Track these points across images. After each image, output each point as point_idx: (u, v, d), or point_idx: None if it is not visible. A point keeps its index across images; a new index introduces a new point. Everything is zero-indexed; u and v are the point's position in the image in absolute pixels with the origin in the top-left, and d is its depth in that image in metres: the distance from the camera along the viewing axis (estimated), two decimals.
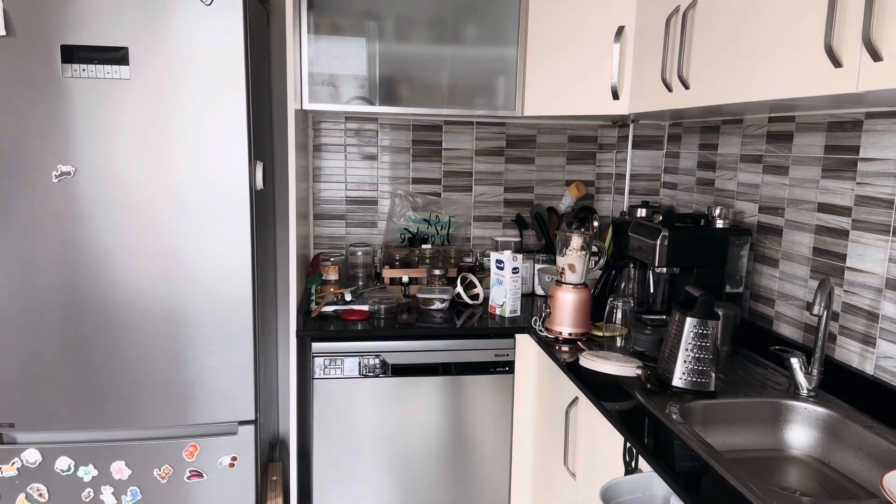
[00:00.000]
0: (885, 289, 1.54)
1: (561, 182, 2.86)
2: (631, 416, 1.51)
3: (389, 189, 2.75)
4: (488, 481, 2.26)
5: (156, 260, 1.92)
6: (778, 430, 1.57)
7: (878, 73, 1.12)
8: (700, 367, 1.59)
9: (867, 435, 1.42)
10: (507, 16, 2.36)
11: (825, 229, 1.74)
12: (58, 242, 1.88)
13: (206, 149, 1.90)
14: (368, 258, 2.56)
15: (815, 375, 1.58)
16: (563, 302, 2.02)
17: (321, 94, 2.33)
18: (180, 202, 1.91)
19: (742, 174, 2.10)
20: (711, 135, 2.28)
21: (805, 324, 1.82)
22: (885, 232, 1.54)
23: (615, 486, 1.36)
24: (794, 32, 1.33)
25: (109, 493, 2.01)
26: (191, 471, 2.04)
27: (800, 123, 1.84)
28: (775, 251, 1.93)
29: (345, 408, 2.15)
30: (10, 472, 1.96)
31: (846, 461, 1.46)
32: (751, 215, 2.05)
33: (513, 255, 2.26)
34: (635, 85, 2.05)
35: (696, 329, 1.59)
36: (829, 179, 1.72)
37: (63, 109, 1.83)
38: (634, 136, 2.73)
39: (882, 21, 1.10)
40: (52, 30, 1.78)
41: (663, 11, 1.81)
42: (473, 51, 2.40)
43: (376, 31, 2.34)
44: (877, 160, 1.57)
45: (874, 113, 1.58)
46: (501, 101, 2.43)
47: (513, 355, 2.19)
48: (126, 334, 1.95)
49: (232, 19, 1.86)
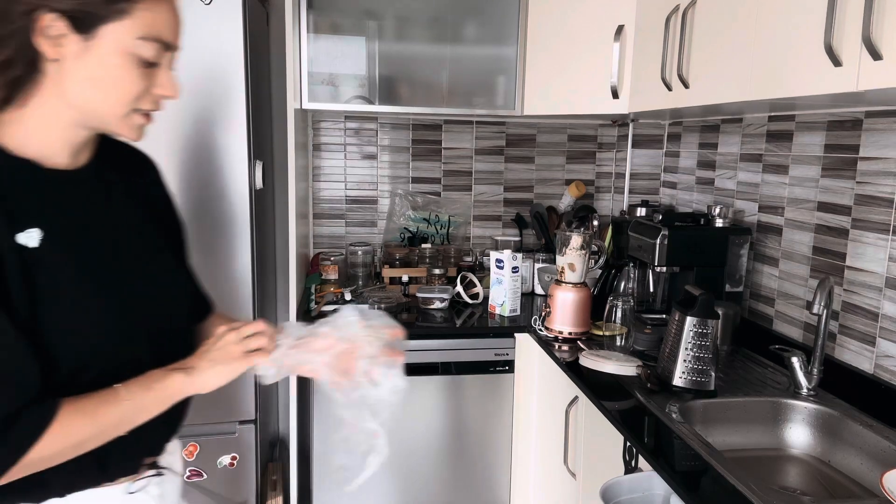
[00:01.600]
0: (885, 288, 1.54)
1: (561, 181, 2.86)
2: (631, 416, 1.51)
3: (389, 188, 2.75)
4: (488, 480, 2.26)
5: None
6: (778, 429, 1.57)
7: (877, 72, 1.12)
8: (700, 367, 1.59)
9: (867, 434, 1.42)
10: (507, 15, 2.36)
11: (825, 228, 1.74)
12: None
13: (205, 148, 1.90)
14: (368, 257, 2.55)
15: (815, 374, 1.58)
16: (562, 301, 2.02)
17: (321, 93, 2.33)
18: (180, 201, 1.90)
19: (742, 173, 2.10)
20: (711, 134, 2.28)
21: (805, 323, 1.82)
22: (885, 231, 1.54)
23: (615, 486, 1.36)
24: (794, 31, 1.33)
25: None
26: (191, 470, 2.04)
27: (800, 122, 1.83)
28: (775, 250, 1.93)
29: None
30: None
31: (846, 460, 1.46)
32: (751, 214, 2.05)
33: (512, 255, 2.26)
34: (635, 84, 2.05)
35: (696, 328, 1.58)
36: (829, 178, 1.72)
37: None
38: (634, 135, 2.73)
39: (882, 20, 1.10)
40: None
41: (663, 10, 1.81)
42: (473, 50, 2.40)
43: (376, 31, 2.34)
44: (877, 159, 1.57)
45: (874, 112, 1.58)
46: (501, 101, 2.43)
47: (513, 355, 2.19)
48: None
49: (231, 19, 1.86)
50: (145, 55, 0.90)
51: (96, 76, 0.89)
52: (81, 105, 0.91)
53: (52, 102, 0.90)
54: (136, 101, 0.93)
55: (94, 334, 0.93)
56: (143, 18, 0.88)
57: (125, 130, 0.95)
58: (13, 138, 0.91)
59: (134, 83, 0.91)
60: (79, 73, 0.88)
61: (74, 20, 0.85)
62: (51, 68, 0.88)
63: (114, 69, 0.89)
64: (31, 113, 0.91)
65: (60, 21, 0.85)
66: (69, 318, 0.91)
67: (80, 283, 0.93)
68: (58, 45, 0.86)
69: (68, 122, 0.93)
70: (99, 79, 0.89)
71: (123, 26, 0.88)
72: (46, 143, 0.93)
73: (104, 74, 0.89)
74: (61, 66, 0.88)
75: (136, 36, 0.88)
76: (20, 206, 0.88)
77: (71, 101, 0.90)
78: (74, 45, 0.87)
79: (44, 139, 0.93)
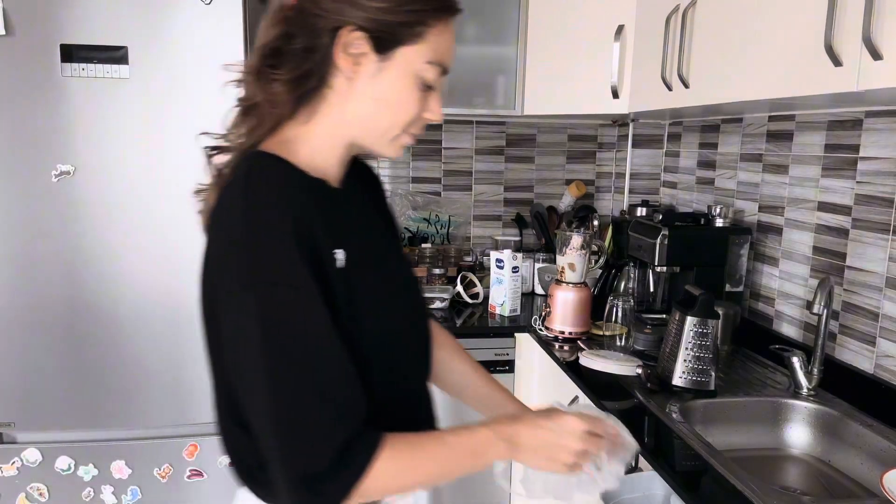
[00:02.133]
0: (886, 287, 1.54)
1: (561, 181, 2.86)
2: (631, 416, 1.51)
3: (389, 188, 2.74)
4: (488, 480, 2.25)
5: (156, 259, 1.92)
6: (778, 429, 1.57)
7: (878, 72, 1.12)
8: (700, 367, 1.59)
9: (867, 434, 1.42)
10: (507, 14, 2.36)
11: (825, 228, 1.73)
12: (57, 242, 1.88)
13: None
14: None
15: (816, 374, 1.58)
16: (563, 301, 2.02)
17: None
18: (180, 201, 1.90)
19: (742, 173, 2.10)
20: (711, 134, 2.28)
21: (805, 323, 1.81)
22: (885, 231, 1.54)
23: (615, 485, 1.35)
24: (794, 31, 1.33)
25: (109, 492, 2.01)
26: (191, 470, 2.04)
27: (800, 122, 1.83)
28: (775, 250, 1.93)
29: None
30: (10, 472, 1.96)
31: (846, 460, 1.46)
32: (751, 214, 2.05)
33: (513, 254, 2.26)
34: (635, 84, 2.05)
35: (696, 328, 1.58)
36: (829, 178, 1.72)
37: (62, 109, 1.82)
38: (634, 134, 2.73)
39: (882, 20, 1.10)
40: (52, 29, 1.78)
41: (663, 10, 1.81)
42: (473, 49, 2.39)
43: None
44: (877, 159, 1.57)
45: (874, 112, 1.58)
46: (501, 100, 2.42)
47: (513, 354, 2.19)
48: (126, 333, 1.95)
49: (231, 18, 1.85)
50: (428, 79, 0.91)
51: (383, 96, 0.90)
52: (360, 123, 0.92)
53: (335, 119, 0.92)
54: (410, 123, 0.94)
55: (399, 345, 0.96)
56: (433, 43, 0.90)
57: (390, 150, 0.96)
58: (300, 157, 0.91)
59: (413, 105, 0.92)
60: (367, 92, 0.90)
61: (376, 40, 0.87)
62: (340, 84, 0.90)
63: (400, 91, 0.90)
64: (315, 130, 0.92)
65: (363, 40, 0.87)
66: (379, 334, 0.92)
67: (380, 296, 0.95)
68: (356, 62, 0.88)
69: (344, 141, 0.94)
70: (385, 99, 0.91)
71: (416, 50, 0.89)
72: (330, 163, 0.94)
73: (391, 95, 0.90)
74: (352, 84, 0.89)
75: (425, 60, 0.90)
76: (329, 227, 0.88)
77: (351, 119, 0.92)
78: (371, 65, 0.88)
79: (327, 158, 0.94)
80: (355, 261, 0.90)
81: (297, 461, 0.81)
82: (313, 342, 0.82)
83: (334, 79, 0.89)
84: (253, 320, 0.80)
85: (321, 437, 0.81)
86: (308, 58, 0.87)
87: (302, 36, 0.87)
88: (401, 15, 0.87)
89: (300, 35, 0.87)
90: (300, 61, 0.87)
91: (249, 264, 0.82)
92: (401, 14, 0.87)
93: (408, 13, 0.87)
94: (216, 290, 0.86)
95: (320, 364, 0.82)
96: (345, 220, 0.94)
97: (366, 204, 1.05)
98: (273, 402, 0.81)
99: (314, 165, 0.92)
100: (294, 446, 0.81)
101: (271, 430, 0.82)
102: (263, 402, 0.82)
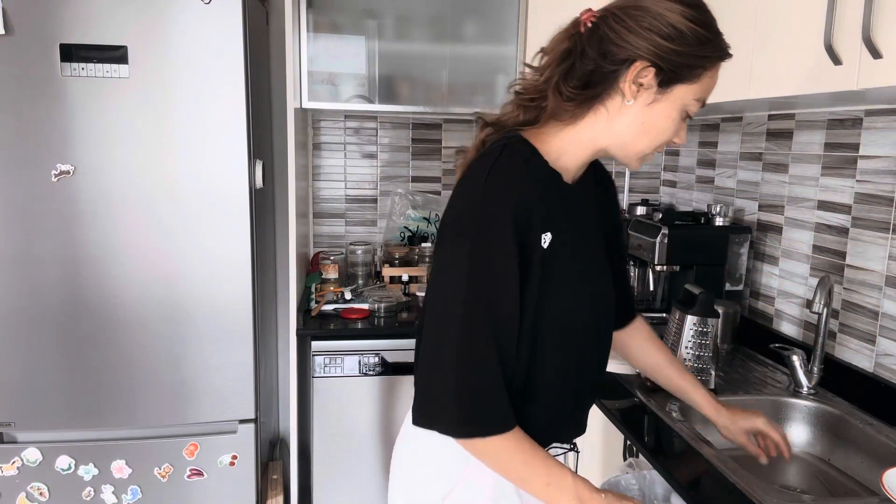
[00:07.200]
0: (885, 286, 1.54)
1: None
2: (631, 414, 1.51)
3: (389, 187, 2.74)
4: None
5: (155, 259, 1.92)
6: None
7: (877, 71, 1.12)
8: (700, 365, 1.59)
9: (867, 432, 1.42)
10: (507, 14, 2.36)
11: (825, 227, 1.73)
12: (57, 241, 1.88)
13: (205, 147, 1.90)
14: (368, 257, 2.55)
15: (816, 373, 1.58)
16: None
17: (320, 92, 2.33)
18: (180, 201, 1.91)
19: (742, 172, 2.10)
20: (711, 132, 2.28)
21: (805, 321, 1.82)
22: (885, 229, 1.54)
23: (615, 485, 1.36)
24: (794, 30, 1.33)
25: (110, 491, 2.01)
26: (191, 469, 2.04)
27: (799, 121, 1.83)
28: (775, 249, 1.93)
29: (345, 406, 2.15)
30: (10, 472, 1.96)
31: (846, 459, 1.46)
32: (751, 213, 2.05)
33: None
34: None
35: (696, 327, 1.58)
36: (829, 177, 1.72)
37: (62, 108, 1.83)
38: None
39: (882, 19, 1.10)
40: (52, 29, 1.78)
41: None
42: (473, 49, 2.39)
43: (376, 30, 2.34)
44: (876, 157, 1.57)
45: (874, 110, 1.58)
46: (501, 100, 2.40)
47: None
48: (126, 333, 1.95)
49: (231, 18, 1.85)
50: (691, 111, 1.02)
51: (651, 123, 1.01)
52: (621, 140, 1.02)
53: (597, 130, 1.02)
54: (661, 145, 1.04)
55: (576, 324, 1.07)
56: (704, 83, 1.00)
57: (636, 164, 1.07)
58: (550, 149, 1.03)
59: (671, 132, 1.02)
60: (638, 117, 1.00)
61: (663, 76, 0.97)
62: (614, 104, 1.00)
63: (666, 120, 1.01)
64: (574, 132, 1.03)
65: (652, 75, 0.97)
66: (559, 311, 1.03)
67: (570, 277, 1.04)
68: (638, 92, 0.98)
69: (596, 148, 1.05)
70: (652, 125, 1.01)
71: (691, 88, 0.99)
72: (573, 162, 1.06)
73: (657, 123, 1.01)
74: (626, 107, 1.00)
75: (694, 97, 1.00)
76: (547, 213, 0.99)
77: (613, 134, 1.02)
78: (649, 94, 0.99)
79: (572, 158, 1.05)
80: (559, 244, 1.01)
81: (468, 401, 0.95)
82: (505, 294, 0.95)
83: (611, 99, 1.00)
84: (464, 260, 0.94)
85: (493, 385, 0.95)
86: (598, 79, 0.99)
87: (596, 59, 0.98)
88: (690, 59, 0.97)
89: (594, 57, 0.99)
90: (590, 79, 0.99)
91: (474, 219, 0.96)
92: (690, 58, 0.97)
93: (696, 58, 0.97)
94: (444, 227, 1.01)
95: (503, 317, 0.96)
96: (564, 211, 1.04)
97: (590, 199, 1.14)
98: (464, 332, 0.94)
99: (558, 159, 1.04)
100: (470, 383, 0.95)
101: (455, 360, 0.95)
102: (453, 330, 0.95)
